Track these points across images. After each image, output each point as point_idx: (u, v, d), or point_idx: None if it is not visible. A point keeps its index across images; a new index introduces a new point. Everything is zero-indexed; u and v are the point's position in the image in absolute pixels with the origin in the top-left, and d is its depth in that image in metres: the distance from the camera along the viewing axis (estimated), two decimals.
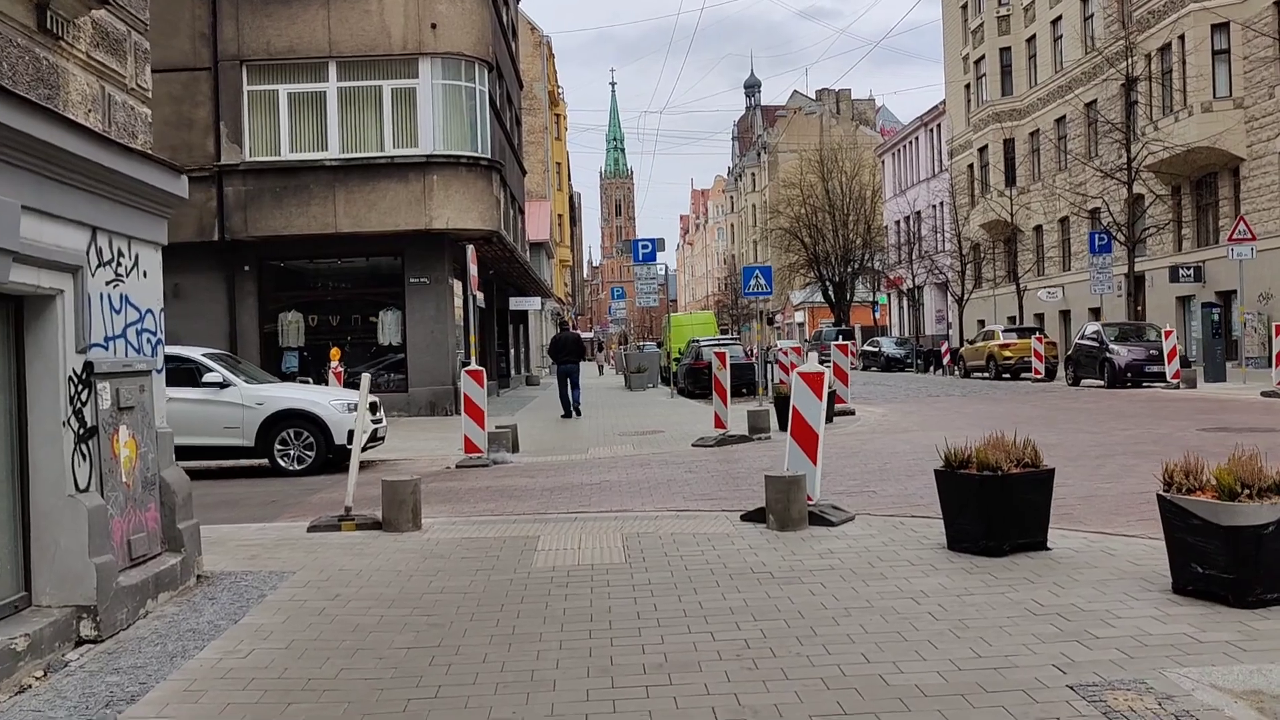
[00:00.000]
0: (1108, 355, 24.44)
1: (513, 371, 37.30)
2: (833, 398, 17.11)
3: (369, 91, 20.94)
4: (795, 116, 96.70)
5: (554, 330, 72.04)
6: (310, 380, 19.30)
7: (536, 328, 52.75)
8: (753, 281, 22.27)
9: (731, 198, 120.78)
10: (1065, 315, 43.68)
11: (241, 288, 21.51)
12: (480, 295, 30.42)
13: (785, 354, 23.97)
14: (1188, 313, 35.41)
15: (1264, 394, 19.12)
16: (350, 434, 13.76)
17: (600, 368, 65.14)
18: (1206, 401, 19.04)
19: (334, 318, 22.15)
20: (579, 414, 21.04)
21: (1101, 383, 24.92)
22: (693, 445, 14.56)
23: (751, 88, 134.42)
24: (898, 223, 64.96)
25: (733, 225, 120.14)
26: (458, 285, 22.13)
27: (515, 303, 36.03)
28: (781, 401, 15.96)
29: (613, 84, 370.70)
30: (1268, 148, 30.98)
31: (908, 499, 9.35)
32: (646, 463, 12.71)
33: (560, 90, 78.95)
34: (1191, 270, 33.95)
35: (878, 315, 67.68)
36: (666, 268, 31.25)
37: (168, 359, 7.93)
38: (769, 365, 24.72)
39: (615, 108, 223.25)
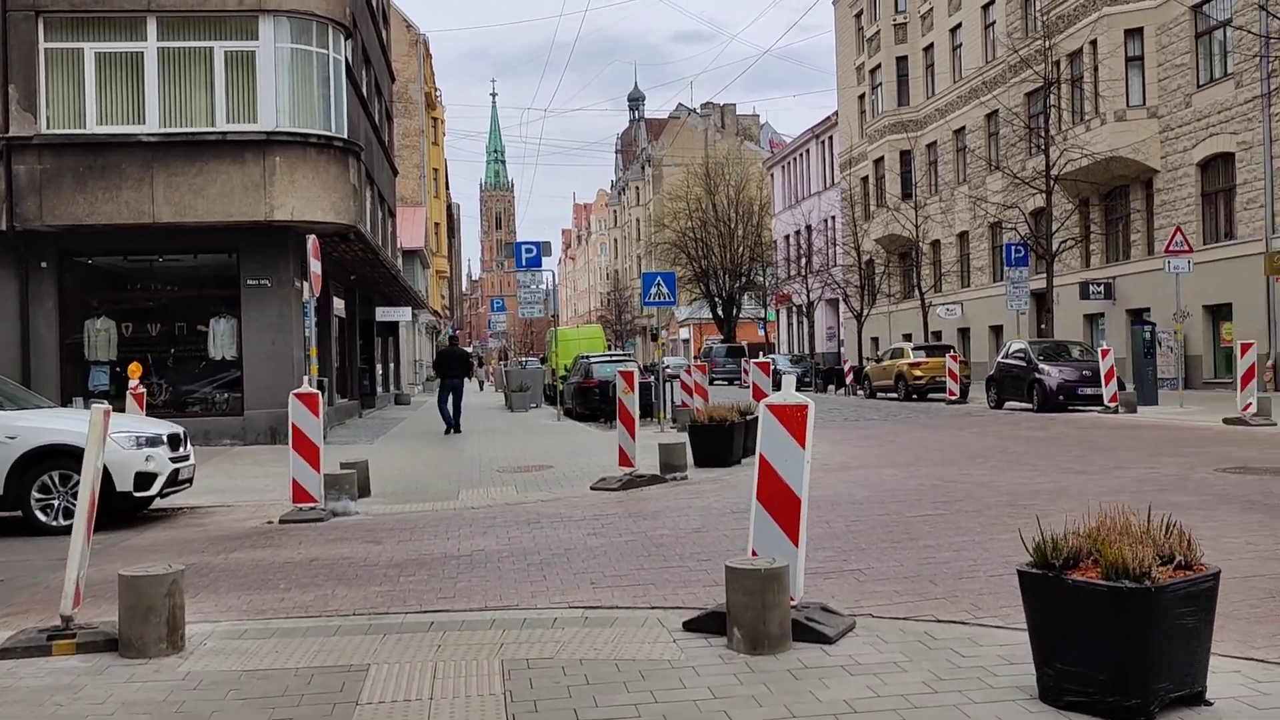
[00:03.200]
0: (1037, 376, 22.35)
1: (379, 389, 33.67)
2: (753, 424, 14.32)
3: (197, 54, 17.41)
4: (681, 130, 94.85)
5: (428, 344, 68.15)
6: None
7: (409, 341, 49.00)
8: (654, 289, 19.42)
9: (615, 211, 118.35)
10: (964, 333, 42.18)
11: (37, 289, 17.66)
12: (341, 304, 26.99)
13: (689, 372, 21.23)
14: (1095, 331, 34.02)
15: (1227, 421, 17.10)
16: (141, 478, 10.38)
17: (481, 384, 61.55)
18: (1168, 429, 16.90)
19: (154, 326, 18.46)
20: (459, 430, 20.69)
21: (1029, 406, 22.84)
22: (592, 488, 11.56)
23: (635, 101, 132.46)
24: (787, 237, 63.27)
25: (616, 239, 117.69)
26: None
27: (383, 313, 32.44)
28: (700, 432, 13.09)
29: (493, 94, 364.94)
30: (1184, 159, 29.68)
31: (913, 583, 6.52)
32: (535, 518, 9.63)
33: (438, 93, 75.20)
34: (1102, 287, 32.55)
35: (765, 331, 65.89)
36: (553, 275, 28.25)
37: None
38: (667, 385, 21.92)
39: (496, 119, 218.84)
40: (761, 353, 56.89)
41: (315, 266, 12.79)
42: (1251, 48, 26.10)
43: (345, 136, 18.61)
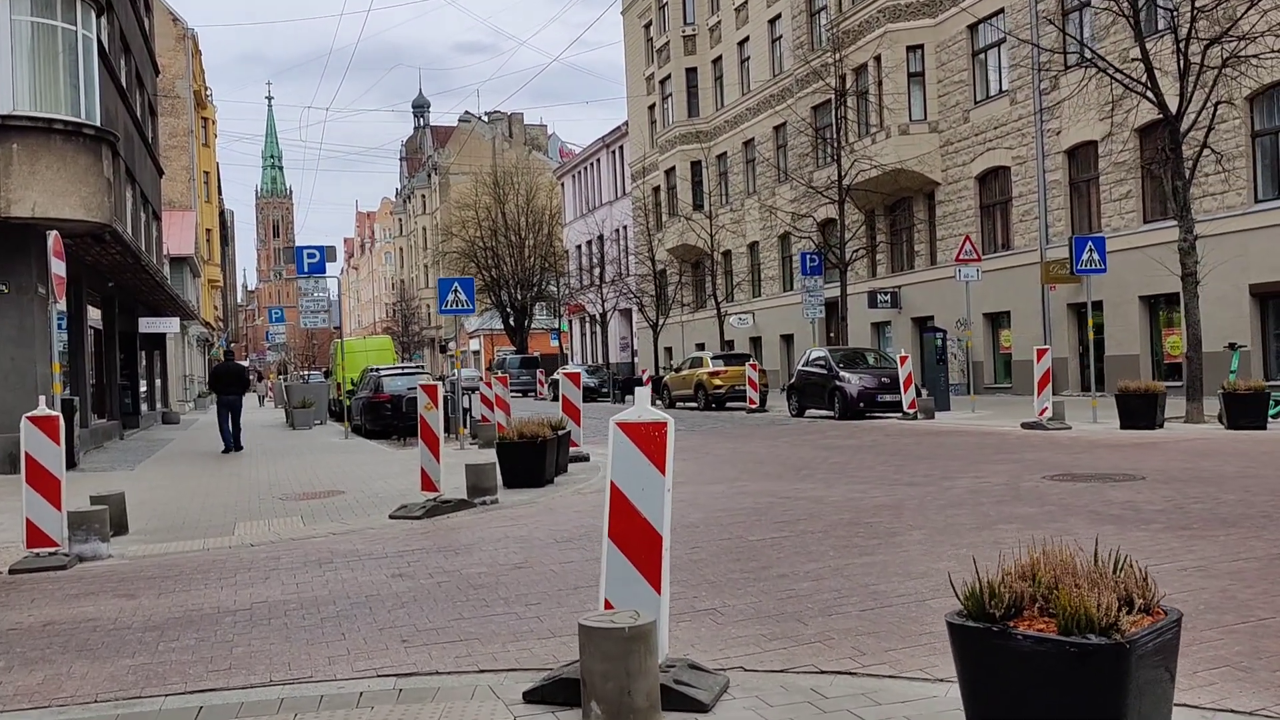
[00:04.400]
0: (838, 384, 22.40)
1: (144, 408, 30.73)
2: (565, 440, 13.41)
3: None
4: (468, 139, 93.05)
5: (200, 358, 63.76)
6: None
7: (177, 355, 45.37)
8: (451, 296, 18.15)
9: (400, 220, 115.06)
10: (756, 342, 42.67)
11: None
12: (97, 313, 24.26)
13: (489, 385, 20.09)
14: (883, 339, 34.93)
15: (1025, 425, 17.42)
16: None
17: (261, 399, 58.01)
18: (971, 435, 17.05)
19: None
20: (240, 447, 20.21)
21: (830, 413, 22.89)
22: (391, 517, 10.28)
23: (420, 108, 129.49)
24: (580, 246, 62.78)
25: (402, 249, 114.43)
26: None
27: (147, 324, 29.59)
28: (510, 450, 12.02)
29: (269, 98, 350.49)
30: (963, 172, 30.80)
31: (779, 624, 5.71)
32: (326, 556, 8.31)
33: (209, 92, 70.70)
34: (889, 296, 33.42)
35: (558, 342, 65.17)
36: (339, 284, 26.44)
37: None
38: (466, 398, 20.70)
39: (272, 124, 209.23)
40: (559, 363, 56.15)
41: (58, 268, 10.94)
42: (1028, 63, 27.30)
43: (98, 124, 16.47)
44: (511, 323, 60.55)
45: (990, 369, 30.28)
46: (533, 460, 12.02)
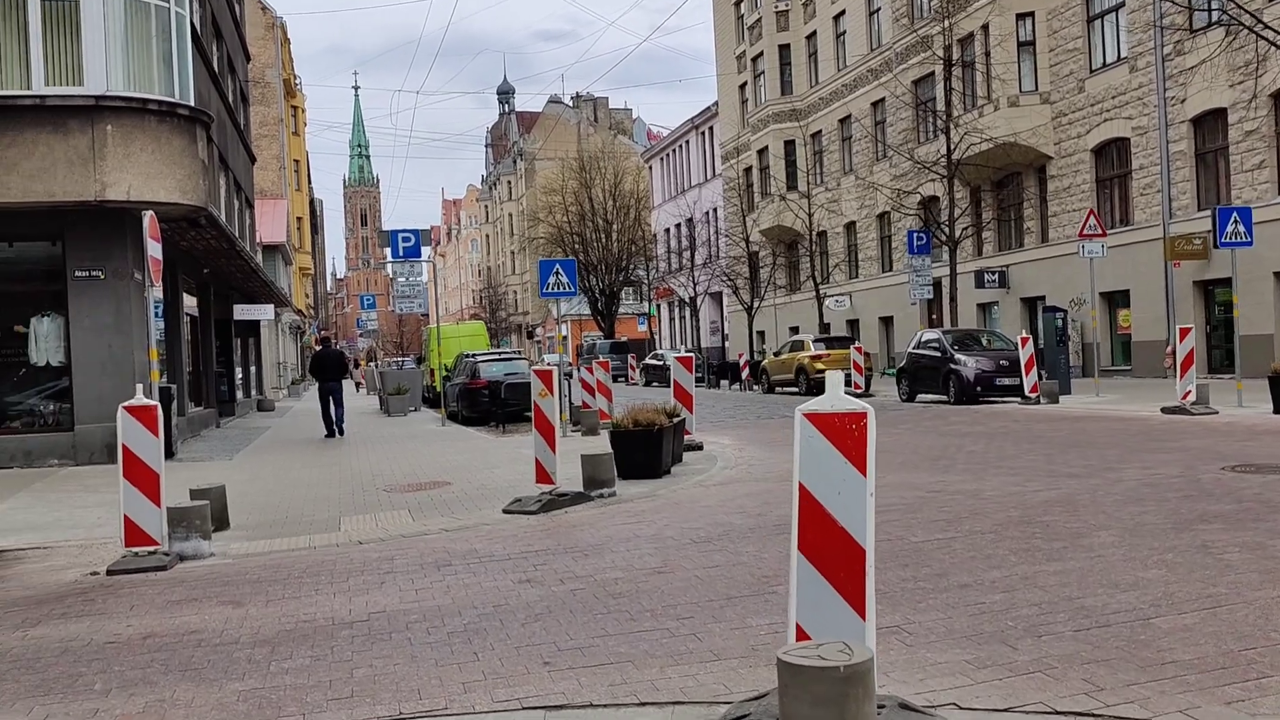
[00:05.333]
0: (953, 367, 21.23)
1: (240, 395, 30.76)
2: (680, 428, 12.61)
3: (7, 2, 14.69)
4: (556, 125, 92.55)
5: (293, 345, 64.52)
6: None
7: (271, 342, 45.70)
8: (552, 279, 17.46)
9: (486, 207, 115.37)
10: (853, 325, 41.40)
11: None
12: (193, 301, 24.15)
13: (590, 370, 19.39)
14: (989, 320, 33.48)
15: (1166, 410, 16.12)
16: None
17: (358, 385, 58.37)
18: (1107, 420, 15.81)
19: None
20: (342, 434, 20.44)
21: (943, 398, 21.73)
22: (506, 511, 9.59)
23: (505, 94, 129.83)
24: (668, 230, 61.94)
25: (488, 235, 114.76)
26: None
27: (242, 311, 29.55)
28: (624, 439, 11.25)
29: (355, 88, 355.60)
30: (1078, 145, 29.20)
31: (981, 646, 4.82)
32: (443, 557, 7.62)
33: (298, 80, 71.40)
34: (996, 275, 31.98)
35: (646, 326, 64.49)
36: (435, 267, 26.01)
37: None
38: (565, 383, 20.05)
39: (359, 113, 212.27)
40: (648, 348, 55.42)
41: (155, 250, 10.46)
42: (1149, 27, 25.68)
43: (192, 104, 16.10)
44: (600, 308, 59.96)
45: (1107, 350, 28.69)
46: (649, 450, 11.24)
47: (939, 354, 21.91)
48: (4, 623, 6.33)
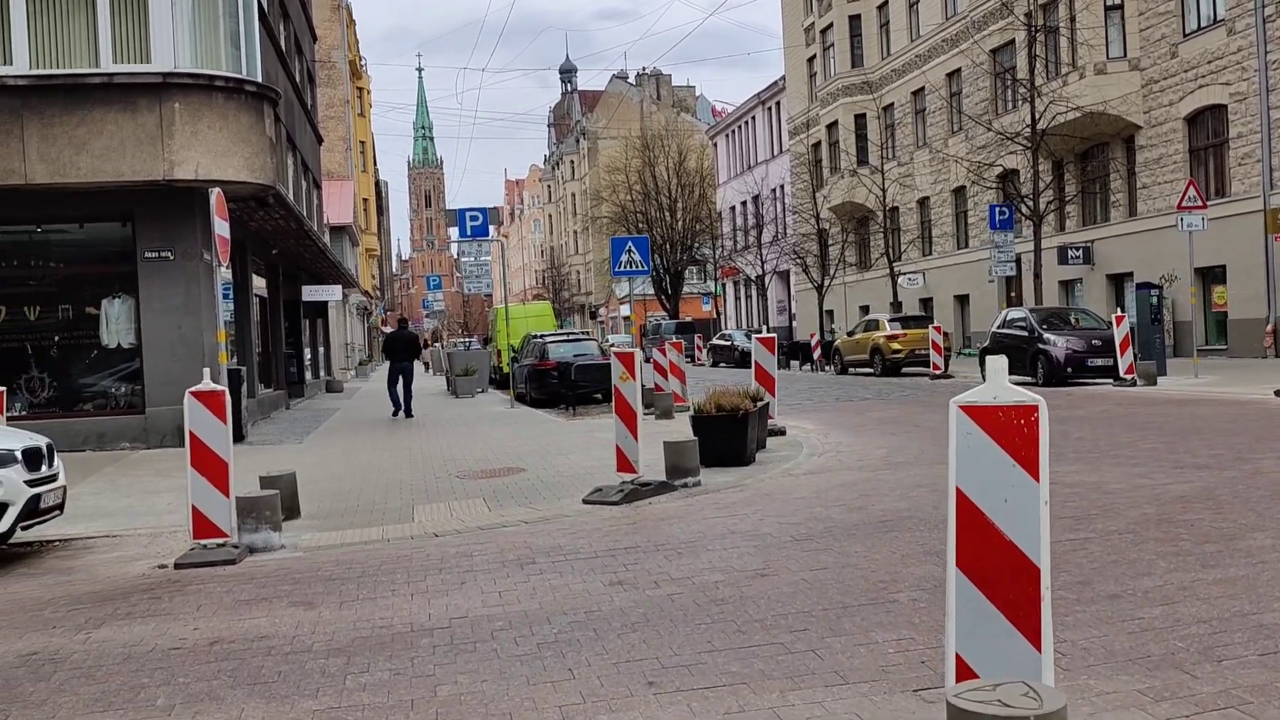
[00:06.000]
0: (1041, 347, 20.31)
1: (309, 377, 30.73)
2: (766, 410, 12.02)
3: None
4: (620, 103, 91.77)
5: (360, 326, 64.92)
6: None
7: (339, 323, 45.85)
8: (624, 256, 16.88)
9: (549, 187, 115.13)
10: (926, 303, 40.32)
11: None
12: (261, 282, 24.02)
13: (663, 352, 18.84)
14: (1072, 298, 32.28)
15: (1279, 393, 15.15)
16: None
17: (426, 366, 58.50)
18: (1215, 404, 14.87)
19: (33, 310, 15.47)
20: (410, 415, 20.39)
21: (1030, 379, 20.82)
22: (585, 501, 9.10)
23: (567, 73, 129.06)
24: (733, 208, 61.06)
25: (551, 215, 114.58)
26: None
27: (310, 292, 29.46)
28: (707, 425, 10.69)
29: (419, 69, 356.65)
30: (1169, 113, 27.88)
31: (1151, 671, 4.19)
32: (525, 553, 7.13)
33: (363, 62, 71.57)
34: (1080, 250, 30.78)
35: (712, 306, 63.79)
36: (503, 246, 25.64)
37: None
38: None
39: (423, 95, 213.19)
40: (713, 328, 54.77)
41: (221, 228, 10.10)
42: None
43: (259, 80, 15.77)
44: (667, 287, 59.34)
45: (1200, 329, 27.41)
46: (734, 436, 10.67)
47: (1026, 333, 20.98)
48: (67, 623, 5.97)
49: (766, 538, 7.05)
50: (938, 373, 24.65)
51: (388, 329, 59.16)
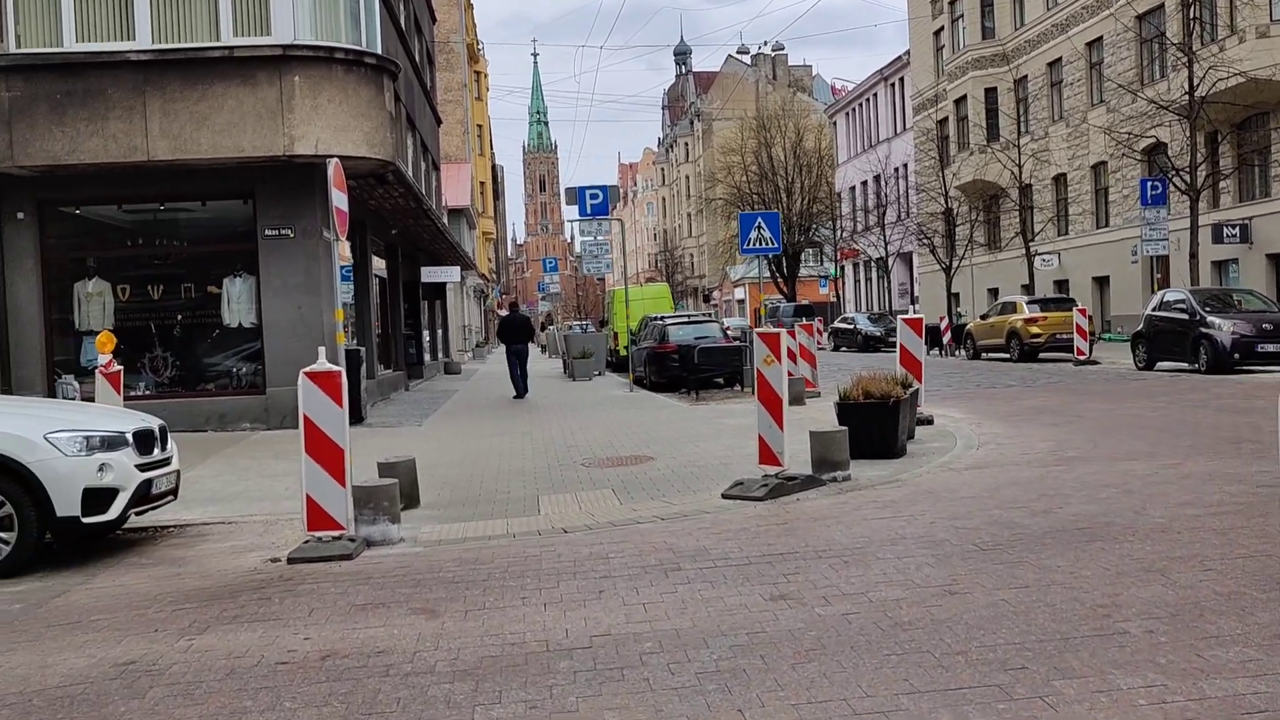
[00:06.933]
0: (1204, 331, 18.71)
1: (427, 358, 30.64)
2: (915, 397, 11.05)
3: None
4: (737, 85, 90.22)
5: (477, 308, 65.27)
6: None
7: (457, 305, 45.94)
8: (754, 233, 16.03)
9: (663, 169, 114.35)
10: (1061, 285, 38.28)
11: (14, 245, 14.65)
12: (381, 263, 23.84)
13: (792, 334, 17.87)
14: (1226, 279, 30.12)
15: None
16: (94, 497, 7.29)
17: (543, 348, 58.52)
18: None
19: (156, 289, 15.37)
20: (523, 395, 20.68)
21: (1189, 366, 19.24)
22: (725, 496, 8.30)
23: (682, 55, 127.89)
24: (853, 188, 59.36)
25: (664, 198, 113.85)
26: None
27: (429, 273, 29.33)
28: (854, 413, 9.77)
29: (534, 54, 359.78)
30: None
31: None
32: (668, 556, 6.35)
33: (481, 46, 71.82)
34: (1236, 228, 28.63)
35: (829, 289, 62.16)
36: (622, 225, 24.91)
37: None
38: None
39: (538, 80, 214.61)
40: (833, 311, 53.32)
41: (340, 200, 9.59)
42: None
43: (379, 52, 15.34)
44: (783, 269, 58.04)
45: None
46: (885, 425, 9.74)
47: (1186, 316, 19.37)
48: (170, 626, 5.43)
49: (944, 545, 6.14)
50: (1082, 358, 23.09)
51: (503, 312, 59.36)
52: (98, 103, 13.83)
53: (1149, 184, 25.25)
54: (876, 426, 9.74)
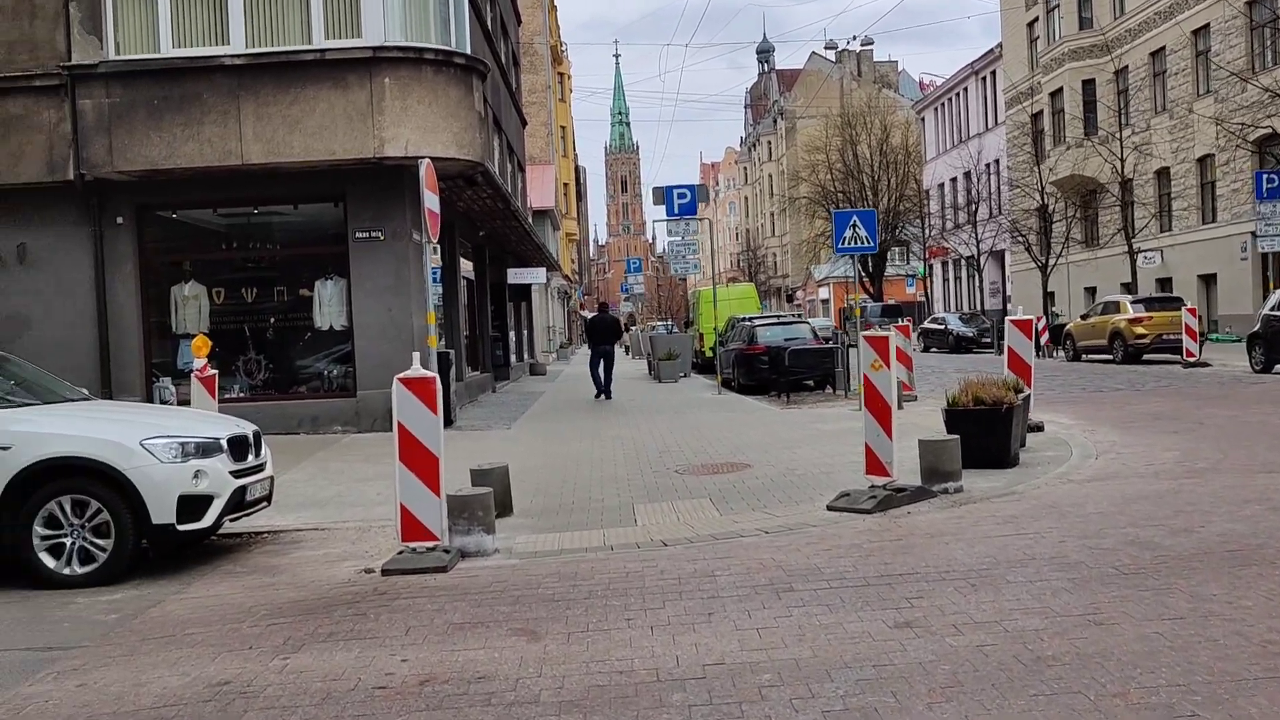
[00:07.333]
0: None
1: (513, 360, 30.63)
2: (1027, 403, 10.51)
3: None
4: (822, 83, 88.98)
5: (560, 310, 65.47)
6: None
7: (541, 307, 46.01)
8: (848, 232, 15.54)
9: (745, 169, 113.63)
10: (1163, 284, 36.85)
11: (114, 250, 14.85)
12: (469, 265, 23.85)
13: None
14: None
15: None
16: (189, 504, 7.19)
17: (627, 350, 58.42)
18: None
19: (250, 292, 15.47)
20: (609, 396, 20.63)
21: None
22: (830, 508, 7.91)
23: (765, 53, 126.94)
24: (941, 185, 58.10)
25: (746, 197, 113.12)
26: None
27: (515, 275, 29.30)
28: (964, 420, 9.30)
29: (616, 55, 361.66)
30: None
31: None
32: (780, 577, 5.99)
33: (564, 47, 72.02)
34: None
35: (915, 289, 60.90)
36: (710, 225, 24.59)
37: None
38: (850, 352, 18.14)
39: (620, 81, 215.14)
40: (922, 311, 52.21)
41: (431, 201, 9.43)
42: None
43: (468, 52, 15.22)
44: (868, 268, 57.04)
45: None
46: (997, 433, 9.25)
47: None
48: (265, 642, 5.26)
49: (1080, 568, 5.68)
50: (1191, 360, 22.09)
51: (586, 313, 59.32)
52: (193, 107, 13.94)
53: (1264, 176, 24.05)
54: (988, 434, 9.25)
